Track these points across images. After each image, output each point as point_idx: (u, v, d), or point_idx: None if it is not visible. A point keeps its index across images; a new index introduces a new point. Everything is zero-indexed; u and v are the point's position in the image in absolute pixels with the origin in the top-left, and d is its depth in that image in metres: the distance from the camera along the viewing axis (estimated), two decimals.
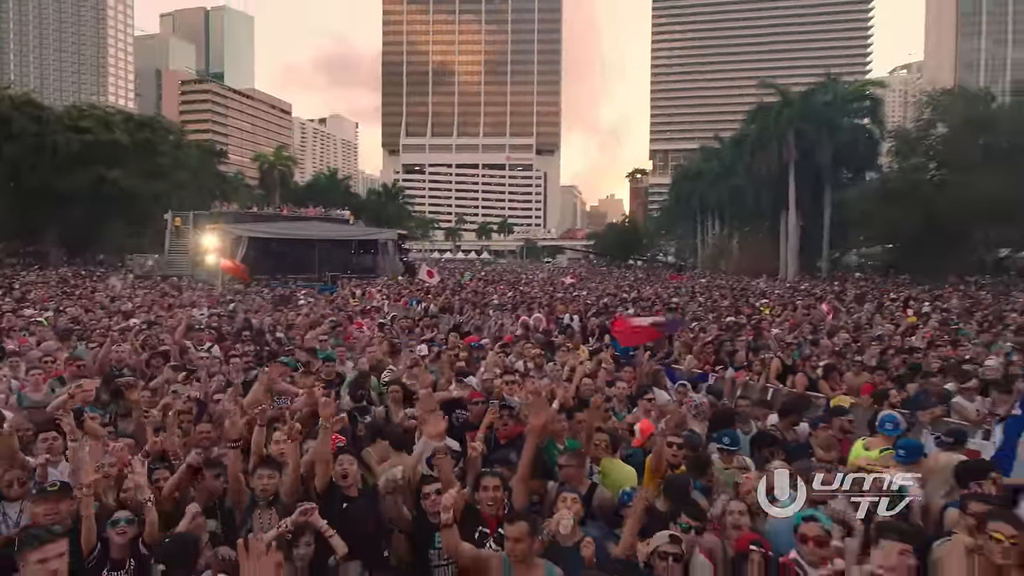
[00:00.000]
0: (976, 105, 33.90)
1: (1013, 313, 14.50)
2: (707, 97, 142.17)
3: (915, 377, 7.05)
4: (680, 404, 5.32)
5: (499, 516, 3.19)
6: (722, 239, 57.52)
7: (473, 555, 2.80)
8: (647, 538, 2.86)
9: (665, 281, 32.78)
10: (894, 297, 19.80)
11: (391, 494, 3.32)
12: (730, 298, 19.38)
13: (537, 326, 11.92)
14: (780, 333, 10.88)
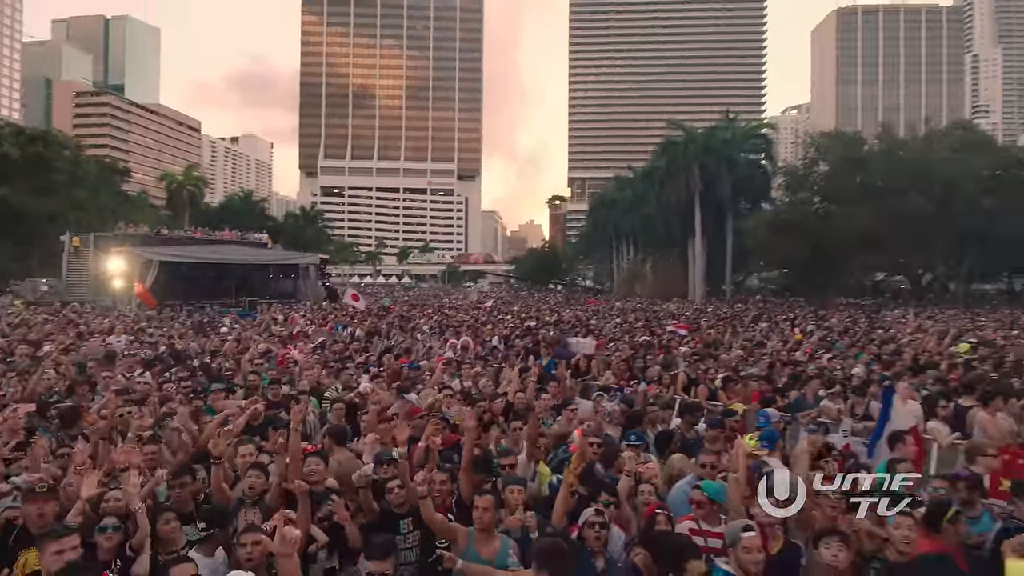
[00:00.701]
0: (852, 147, 38.25)
1: (879, 330, 16.66)
2: (621, 129, 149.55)
3: (795, 385, 8.25)
4: (596, 412, 6.16)
5: (447, 505, 3.84)
6: (636, 264, 60.51)
7: (445, 525, 3.41)
8: (575, 519, 3.57)
9: (584, 304, 34.24)
10: (785, 317, 21.99)
11: (363, 488, 3.82)
12: (643, 320, 20.79)
13: (465, 348, 12.52)
14: (687, 351, 12.10)
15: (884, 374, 8.64)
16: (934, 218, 33.53)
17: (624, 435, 5.23)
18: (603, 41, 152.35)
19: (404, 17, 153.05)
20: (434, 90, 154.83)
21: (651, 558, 3.10)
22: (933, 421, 6.53)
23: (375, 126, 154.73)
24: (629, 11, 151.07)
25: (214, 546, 3.27)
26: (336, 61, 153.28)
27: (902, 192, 33.28)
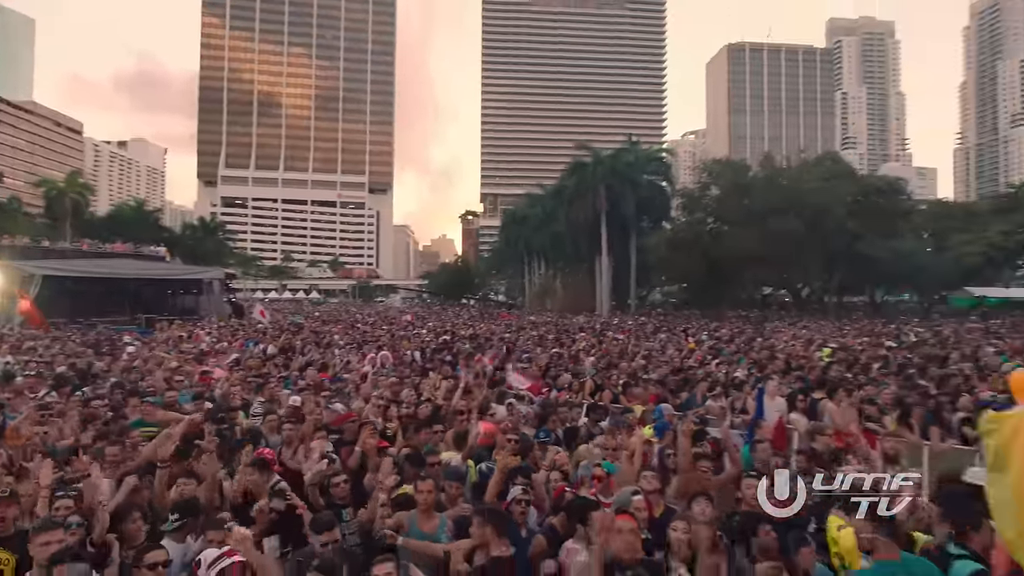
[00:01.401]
0: (739, 173, 42.06)
1: (760, 338, 18.67)
2: (532, 148, 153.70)
3: (686, 387, 9.37)
4: (511, 415, 6.91)
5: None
6: (547, 279, 62.37)
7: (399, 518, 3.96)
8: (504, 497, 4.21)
9: (497, 319, 35.12)
10: (681, 328, 23.92)
11: (313, 486, 4.25)
12: (555, 332, 21.88)
13: (384, 362, 12.87)
14: (594, 360, 13.17)
15: (758, 375, 9.99)
16: (808, 238, 37.64)
17: (536, 433, 5.97)
18: (514, 63, 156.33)
19: (313, 25, 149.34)
20: (345, 100, 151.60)
21: (564, 518, 3.81)
22: (794, 412, 7.75)
23: (281, 135, 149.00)
24: (539, 36, 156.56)
25: (186, 534, 3.60)
26: (239, 66, 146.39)
27: (781, 214, 37.07)
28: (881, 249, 41.46)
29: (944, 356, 13.60)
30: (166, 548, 3.22)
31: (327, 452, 5.17)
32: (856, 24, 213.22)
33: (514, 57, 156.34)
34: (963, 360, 12.89)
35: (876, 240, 41.11)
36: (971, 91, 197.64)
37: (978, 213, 49.27)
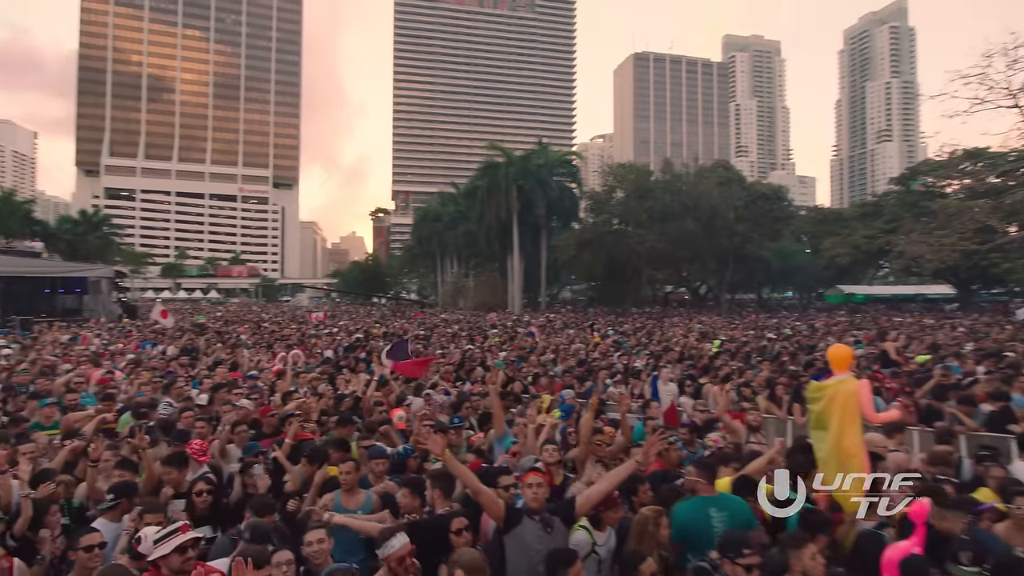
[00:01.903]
0: (641, 178, 44.45)
1: (658, 332, 20.13)
2: (445, 146, 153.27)
3: (589, 377, 10.15)
4: (428, 405, 7.34)
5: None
6: (460, 278, 62.64)
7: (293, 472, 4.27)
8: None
9: (411, 317, 35.10)
10: (588, 324, 25.17)
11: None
12: (467, 330, 22.37)
13: (295, 360, 12.82)
14: (505, 355, 13.79)
15: (655, 365, 10.99)
16: (703, 240, 40.51)
17: (451, 419, 6.45)
18: (426, 60, 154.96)
19: (212, 7, 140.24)
20: (247, 89, 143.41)
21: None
22: (684, 396, 8.71)
23: (175, 123, 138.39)
24: (451, 35, 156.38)
25: (120, 513, 3.74)
26: (126, 46, 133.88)
27: (679, 217, 39.66)
28: (766, 250, 45.44)
29: (812, 345, 15.43)
30: (100, 531, 3.39)
31: (249, 445, 5.39)
32: (748, 41, 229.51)
33: (426, 55, 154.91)
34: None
35: (762, 242, 44.98)
36: (845, 108, 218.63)
37: (847, 219, 54.94)
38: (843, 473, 3.84)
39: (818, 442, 4.14)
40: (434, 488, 3.87)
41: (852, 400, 4.02)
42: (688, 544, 3.50)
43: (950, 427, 6.15)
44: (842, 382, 4.12)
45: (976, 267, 39.50)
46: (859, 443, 3.95)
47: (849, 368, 4.30)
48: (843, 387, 4.08)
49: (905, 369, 9.96)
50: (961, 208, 33.22)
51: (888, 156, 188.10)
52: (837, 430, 3.99)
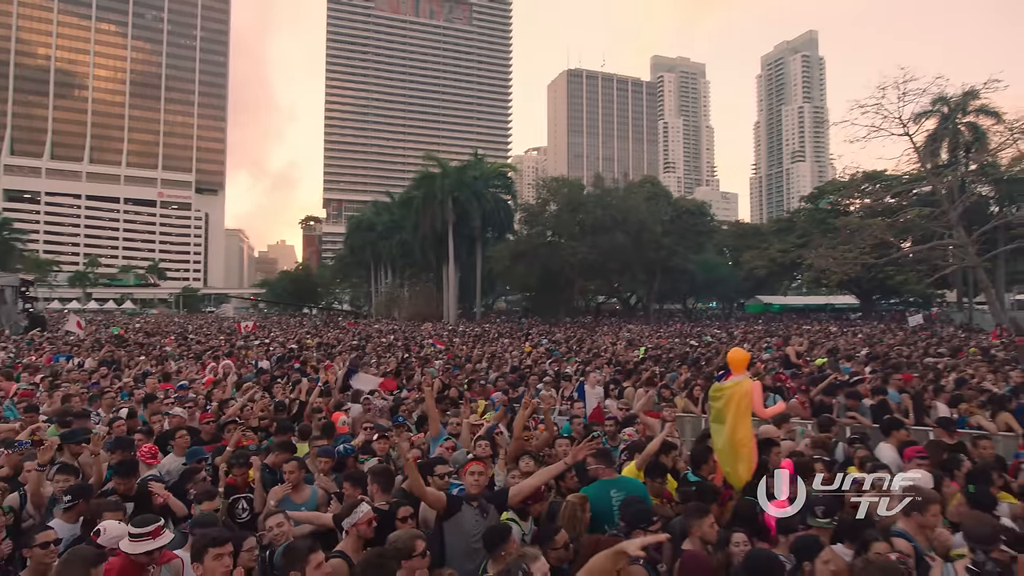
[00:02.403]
0: (573, 191, 45.89)
1: (589, 341, 20.99)
2: (379, 155, 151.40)
3: (521, 382, 10.66)
4: (367, 411, 7.62)
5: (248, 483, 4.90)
6: (394, 288, 62.14)
7: (260, 491, 4.48)
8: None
9: (344, 327, 34.67)
10: (521, 333, 25.81)
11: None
12: (403, 340, 22.49)
13: (226, 371, 12.68)
14: (442, 363, 14.14)
15: (584, 370, 11.65)
16: (631, 252, 42.25)
17: (393, 418, 6.79)
18: (360, 68, 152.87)
19: (130, 2, 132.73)
20: (168, 89, 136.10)
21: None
22: (609, 399, 9.36)
23: (87, 122, 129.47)
24: (386, 43, 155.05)
25: (76, 515, 3.85)
26: (32, 37, 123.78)
27: (609, 230, 41.23)
28: (691, 263, 47.81)
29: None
30: (55, 528, 3.53)
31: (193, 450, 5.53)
32: (675, 63, 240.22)
33: (360, 62, 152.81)
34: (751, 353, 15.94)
35: (687, 255, 47.34)
36: (763, 129, 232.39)
37: (764, 233, 58.62)
38: (735, 459, 4.50)
39: (716, 435, 4.79)
40: (374, 483, 4.21)
41: (745, 399, 4.68)
42: (593, 521, 4.00)
43: (833, 418, 7.03)
44: (738, 383, 4.78)
45: (875, 279, 43.08)
46: (749, 435, 4.60)
47: (746, 370, 4.97)
48: (738, 388, 4.73)
49: (804, 370, 11.05)
50: (861, 225, 36.33)
51: (802, 175, 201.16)
52: (731, 424, 4.64)
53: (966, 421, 7.04)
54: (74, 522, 3.84)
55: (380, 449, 5.50)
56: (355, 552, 3.38)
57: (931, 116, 36.26)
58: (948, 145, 37.48)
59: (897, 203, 39.95)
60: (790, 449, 5.40)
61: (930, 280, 36.79)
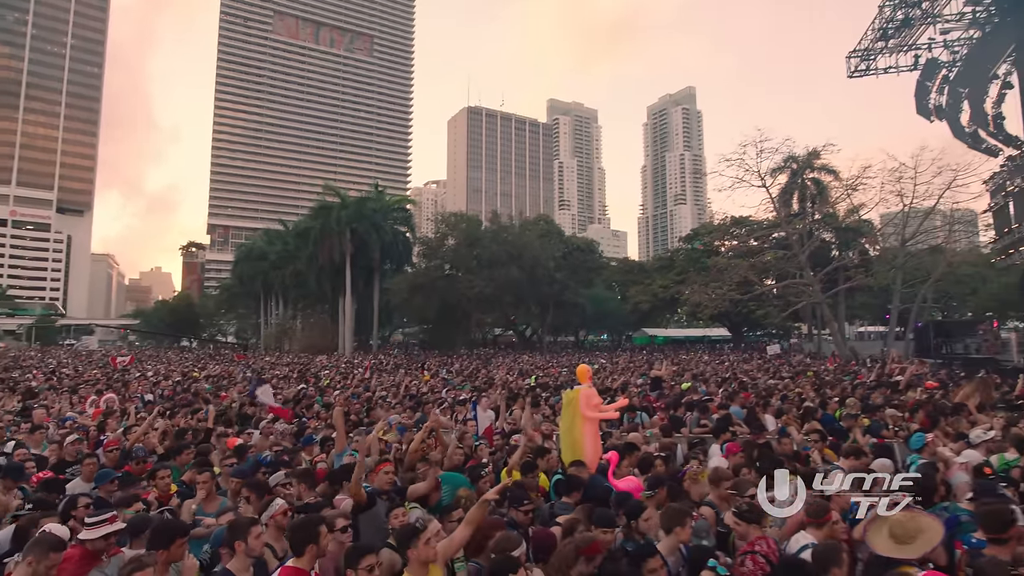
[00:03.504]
0: (471, 227, 47.38)
1: (483, 370, 21.98)
2: (272, 181, 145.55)
3: (419, 408, 11.38)
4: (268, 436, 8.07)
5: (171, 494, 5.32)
6: (285, 319, 60.01)
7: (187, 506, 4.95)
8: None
9: (232, 360, 33.27)
10: (418, 364, 26.34)
11: None
12: (298, 371, 22.28)
13: (111, 405, 12.32)
14: (339, 395, 14.48)
15: (477, 396, 12.55)
16: (526, 286, 44.16)
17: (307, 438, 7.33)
18: (254, 91, 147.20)
19: None
20: (28, 98, 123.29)
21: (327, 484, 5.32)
22: (499, 420, 10.31)
23: None
24: (283, 69, 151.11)
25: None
26: None
27: (505, 265, 42.94)
28: (582, 297, 50.57)
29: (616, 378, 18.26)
30: None
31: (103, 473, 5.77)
32: (570, 107, 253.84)
33: (254, 85, 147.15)
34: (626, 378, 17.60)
35: (578, 289, 50.07)
36: (649, 173, 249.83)
37: (648, 270, 63.18)
38: (570, 451, 5.60)
39: (562, 432, 5.89)
40: (301, 483, 4.83)
41: (573, 403, 5.82)
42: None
43: (671, 427, 8.41)
44: (576, 391, 5.90)
45: (742, 313, 47.88)
46: (581, 433, 5.68)
47: (588, 380, 6.11)
48: (575, 394, 5.86)
49: (669, 392, 12.67)
50: (729, 265, 40.61)
51: (683, 216, 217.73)
52: (568, 424, 5.77)
53: (786, 429, 8.68)
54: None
55: (297, 462, 6.08)
56: (276, 541, 4.00)
57: (784, 171, 41.59)
58: (798, 197, 43.07)
59: (759, 246, 45.11)
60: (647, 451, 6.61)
61: (785, 314, 41.65)
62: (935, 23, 28.43)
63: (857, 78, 31.10)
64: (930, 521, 3.29)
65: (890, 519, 3.31)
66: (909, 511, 3.36)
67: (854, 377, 16.17)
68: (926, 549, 3.16)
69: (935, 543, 3.21)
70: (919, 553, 3.14)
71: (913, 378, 13.97)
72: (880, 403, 10.28)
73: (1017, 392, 11.48)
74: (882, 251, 40.84)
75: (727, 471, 5.09)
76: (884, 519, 3.36)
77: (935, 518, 3.37)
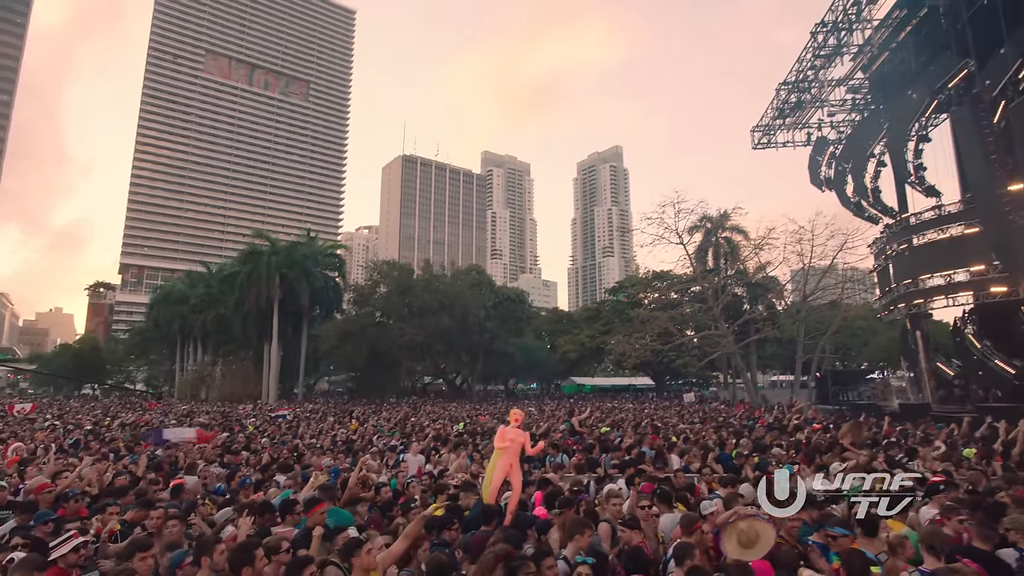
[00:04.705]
0: (404, 275, 47.80)
1: (413, 418, 22.25)
2: (195, 221, 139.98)
3: (350, 454, 11.72)
4: (204, 479, 8.30)
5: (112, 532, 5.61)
6: (204, 366, 57.30)
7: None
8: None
9: (146, 409, 31.61)
10: (347, 412, 26.20)
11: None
12: (220, 419, 21.73)
13: (20, 454, 11.96)
14: (267, 440, 14.51)
15: (404, 442, 13.00)
16: (457, 335, 44.72)
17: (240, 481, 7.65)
18: (181, 129, 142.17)
19: None
20: None
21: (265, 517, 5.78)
22: (428, 464, 10.84)
23: None
24: (213, 109, 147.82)
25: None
26: None
27: (436, 313, 43.46)
28: (512, 346, 51.53)
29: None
30: None
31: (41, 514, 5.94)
32: (503, 159, 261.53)
33: (180, 123, 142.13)
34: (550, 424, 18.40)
35: (508, 338, 51.03)
36: (579, 226, 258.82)
37: (576, 320, 65.19)
38: (486, 483, 6.32)
39: (487, 470, 6.63)
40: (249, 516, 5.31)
41: (496, 440, 6.58)
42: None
43: (601, 468, 9.26)
44: (502, 430, 6.67)
45: (663, 363, 50.19)
46: (494, 464, 6.40)
47: (517, 422, 6.90)
48: (498, 432, 6.63)
49: (586, 437, 13.59)
50: (650, 316, 42.88)
51: (611, 268, 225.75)
52: (492, 460, 6.52)
53: (688, 467, 9.71)
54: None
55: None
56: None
57: (699, 230, 44.89)
58: (712, 254, 46.41)
59: (678, 299, 47.89)
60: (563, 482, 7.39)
61: (703, 363, 44.13)
62: (823, 106, 32.48)
63: (761, 150, 34.67)
64: (767, 528, 4.22)
65: (737, 527, 4.24)
66: (750, 520, 4.30)
67: (755, 422, 17.72)
68: (764, 552, 4.08)
69: (770, 546, 4.12)
70: (759, 555, 4.05)
71: (803, 422, 15.68)
72: (769, 444, 11.58)
73: (884, 432, 13.20)
74: (787, 305, 44.34)
75: (618, 491, 5.97)
76: (733, 527, 4.28)
77: (771, 525, 4.31)
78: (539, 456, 10.46)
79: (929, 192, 26.49)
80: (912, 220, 26.83)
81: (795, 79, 29.73)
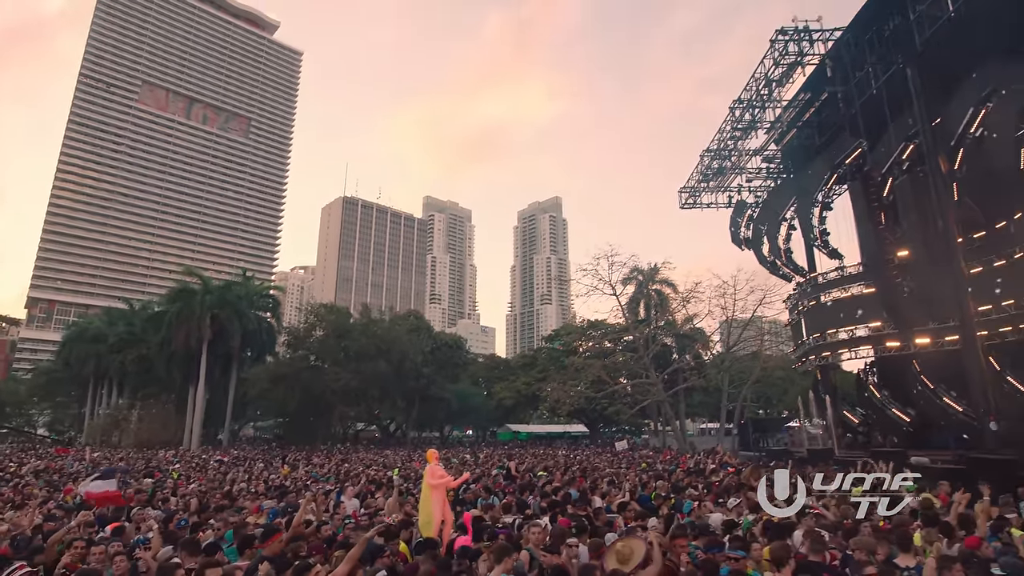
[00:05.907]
0: (341, 319, 47.33)
1: (346, 464, 22.06)
2: (117, 255, 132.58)
3: (283, 498, 11.80)
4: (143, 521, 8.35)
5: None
6: (119, 409, 53.77)
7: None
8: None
9: (54, 455, 29.58)
10: (278, 457, 25.58)
11: None
12: (143, 465, 20.85)
13: None
14: (195, 487, 14.23)
15: (341, 486, 13.15)
16: (393, 380, 44.43)
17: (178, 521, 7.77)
18: (108, 159, 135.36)
19: None
20: None
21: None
22: (361, 508, 11.10)
23: None
24: (145, 141, 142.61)
25: None
26: None
27: (373, 358, 43.13)
28: (448, 392, 51.46)
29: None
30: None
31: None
32: (445, 205, 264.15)
33: (108, 152, 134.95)
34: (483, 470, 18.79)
35: (444, 384, 51.00)
36: (518, 273, 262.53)
37: (513, 367, 65.77)
38: (423, 518, 6.85)
39: (420, 507, 7.17)
40: (183, 550, 5.60)
41: (425, 478, 7.18)
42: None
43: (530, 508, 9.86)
44: (426, 469, 7.26)
45: (596, 410, 51.31)
46: (429, 502, 6.95)
47: (435, 460, 7.50)
48: (425, 472, 7.22)
49: (519, 481, 14.17)
50: (585, 364, 44.13)
51: (549, 316, 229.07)
52: (424, 498, 7.08)
53: (610, 507, 10.46)
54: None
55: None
56: None
57: (631, 282, 47.03)
58: (643, 305, 48.54)
59: (612, 347, 49.53)
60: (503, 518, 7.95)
61: (634, 411, 45.51)
62: (742, 173, 35.48)
63: (687, 209, 37.25)
64: (639, 544, 4.99)
65: (615, 545, 4.99)
66: (627, 540, 5.07)
67: (676, 466, 18.77)
68: (636, 563, 4.81)
69: (640, 559, 4.86)
70: (632, 567, 4.77)
71: (719, 465, 16.91)
72: (685, 485, 12.54)
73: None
74: (713, 356, 46.71)
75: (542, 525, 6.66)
76: (614, 546, 5.03)
77: (642, 542, 5.06)
78: (471, 500, 11.01)
79: (832, 255, 29.37)
80: (819, 279, 29.52)
81: (717, 147, 32.46)
